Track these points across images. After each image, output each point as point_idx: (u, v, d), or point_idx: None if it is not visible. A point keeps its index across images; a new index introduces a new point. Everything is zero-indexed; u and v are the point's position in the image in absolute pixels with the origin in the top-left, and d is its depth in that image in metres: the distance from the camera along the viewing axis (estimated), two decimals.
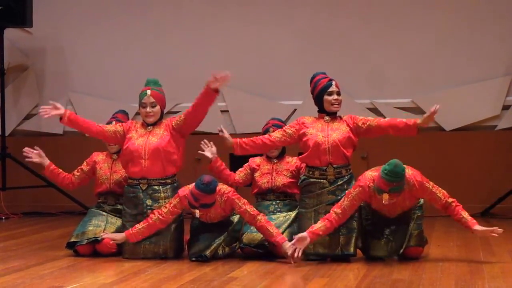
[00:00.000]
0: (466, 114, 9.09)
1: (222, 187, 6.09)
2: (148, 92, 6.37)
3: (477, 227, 5.91)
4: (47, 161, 6.74)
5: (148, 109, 6.34)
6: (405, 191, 5.76)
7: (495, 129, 9.07)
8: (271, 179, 6.46)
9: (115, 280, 5.33)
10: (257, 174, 6.54)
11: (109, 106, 9.72)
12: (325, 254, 5.98)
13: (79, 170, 6.78)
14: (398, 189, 5.64)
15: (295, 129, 6.20)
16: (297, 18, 9.44)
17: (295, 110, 9.25)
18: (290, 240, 6.01)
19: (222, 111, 9.47)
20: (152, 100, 6.35)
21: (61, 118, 6.36)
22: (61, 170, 6.79)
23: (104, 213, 6.57)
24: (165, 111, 9.28)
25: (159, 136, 6.29)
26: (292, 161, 6.53)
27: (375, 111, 9.15)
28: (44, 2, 9.80)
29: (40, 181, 9.33)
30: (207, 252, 6.04)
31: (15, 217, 9.20)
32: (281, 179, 6.44)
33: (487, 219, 8.52)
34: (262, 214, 6.04)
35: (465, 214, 5.92)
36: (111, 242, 6.19)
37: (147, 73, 9.58)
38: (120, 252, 6.30)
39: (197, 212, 6.01)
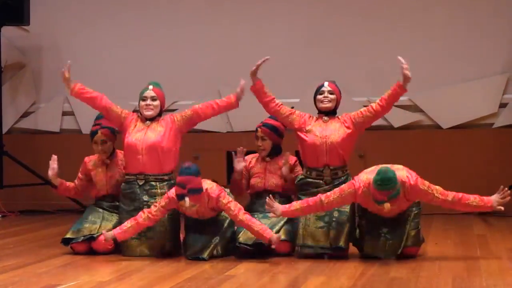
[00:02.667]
0: (463, 112, 9.09)
1: (208, 187, 6.03)
2: (150, 87, 6.42)
3: (494, 201, 5.78)
4: (57, 181, 6.63)
5: (148, 102, 6.35)
6: (401, 194, 5.69)
7: (492, 127, 9.08)
8: (264, 179, 6.44)
9: (112, 278, 5.32)
10: (250, 174, 6.52)
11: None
12: (314, 246, 5.99)
13: (78, 179, 6.74)
14: (396, 194, 5.59)
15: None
16: (294, 16, 9.44)
17: (292, 107, 9.23)
18: (288, 237, 6.08)
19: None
20: (153, 94, 6.39)
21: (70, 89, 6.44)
22: (68, 183, 6.70)
23: (100, 210, 6.57)
24: (163, 109, 9.36)
25: (157, 132, 6.29)
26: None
27: None
28: (41, 0, 9.79)
29: (37, 179, 9.32)
30: (205, 255, 6.03)
31: (12, 215, 9.18)
32: (274, 180, 6.42)
33: (485, 217, 8.53)
34: (244, 212, 5.99)
35: (473, 200, 5.81)
36: (103, 240, 6.16)
37: (144, 70, 9.63)
38: (116, 250, 6.31)
39: (187, 201, 5.84)
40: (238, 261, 5.91)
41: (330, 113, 6.22)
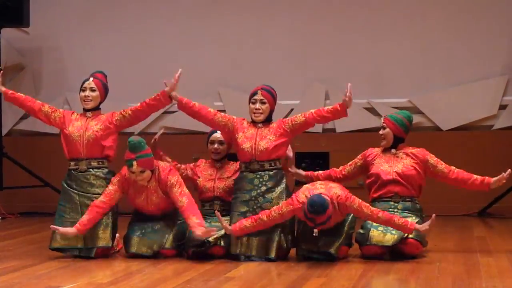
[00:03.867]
0: (463, 113, 9.10)
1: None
2: None
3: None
4: (2, 88, 6.40)
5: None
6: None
7: (491, 129, 9.08)
8: (254, 144, 6.17)
9: (112, 280, 5.32)
10: (240, 136, 6.23)
11: (106, 105, 9.71)
12: (308, 250, 5.99)
13: (52, 109, 6.50)
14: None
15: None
16: (294, 18, 9.45)
17: (292, 109, 9.25)
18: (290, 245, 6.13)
19: (219, 111, 9.45)
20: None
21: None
22: (21, 94, 6.50)
23: (75, 193, 6.26)
24: (163, 111, 9.39)
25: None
26: (274, 125, 6.23)
27: (372, 110, 9.16)
28: (41, 2, 9.79)
29: (37, 181, 9.33)
30: (210, 238, 5.99)
31: (12, 217, 9.19)
32: (265, 143, 6.13)
33: (484, 219, 8.53)
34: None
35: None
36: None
37: (143, 71, 9.65)
38: (115, 252, 6.33)
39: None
40: (238, 262, 5.91)
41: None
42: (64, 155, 6.43)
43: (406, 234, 5.94)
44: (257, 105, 6.24)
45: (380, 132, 6.42)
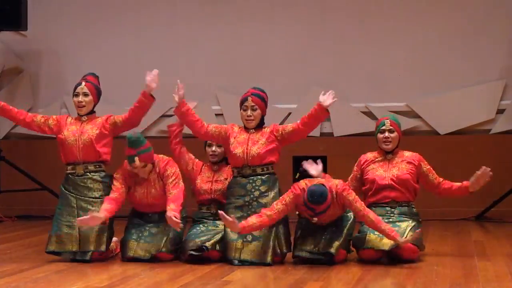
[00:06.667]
0: (460, 118, 9.10)
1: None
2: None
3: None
4: None
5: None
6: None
7: (489, 133, 9.09)
8: (246, 149, 6.18)
9: (108, 283, 5.31)
10: (232, 142, 6.26)
11: (104, 109, 9.69)
12: (308, 250, 5.98)
13: (44, 117, 6.53)
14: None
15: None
16: (292, 22, 9.45)
17: (289, 113, 9.25)
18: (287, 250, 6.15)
19: (216, 115, 9.46)
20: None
21: None
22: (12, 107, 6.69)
23: (72, 199, 6.30)
24: (160, 114, 9.39)
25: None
26: (267, 130, 6.27)
27: (369, 114, 9.16)
28: (39, 5, 9.79)
29: (34, 184, 9.32)
30: (207, 244, 6.03)
31: (9, 220, 9.17)
32: (257, 149, 6.16)
33: (482, 223, 8.54)
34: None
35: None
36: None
37: (141, 75, 9.61)
38: (113, 256, 6.33)
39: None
40: (236, 266, 5.91)
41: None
42: (61, 159, 6.41)
43: (404, 236, 5.94)
44: (249, 112, 6.28)
45: (387, 135, 6.37)
